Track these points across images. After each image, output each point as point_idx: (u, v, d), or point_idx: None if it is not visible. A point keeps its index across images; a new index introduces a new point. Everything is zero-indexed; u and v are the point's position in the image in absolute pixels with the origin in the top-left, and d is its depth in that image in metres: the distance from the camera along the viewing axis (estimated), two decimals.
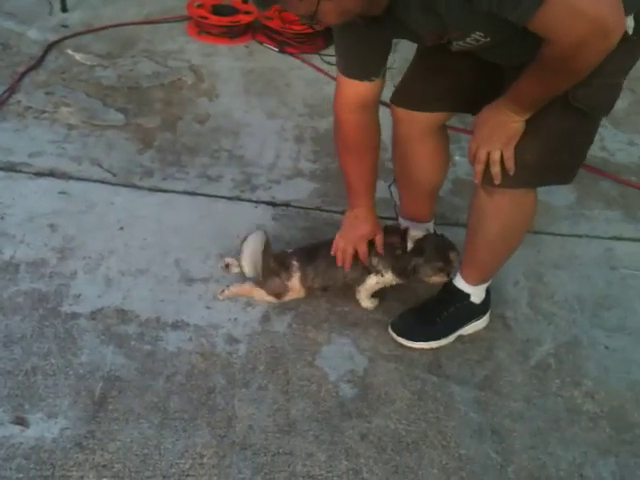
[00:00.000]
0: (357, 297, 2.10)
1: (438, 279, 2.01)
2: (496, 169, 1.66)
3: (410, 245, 2.00)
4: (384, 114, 3.12)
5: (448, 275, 2.01)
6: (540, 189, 2.78)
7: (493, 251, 1.90)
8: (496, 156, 1.63)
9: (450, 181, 2.70)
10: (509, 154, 1.62)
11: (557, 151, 1.65)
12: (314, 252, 2.07)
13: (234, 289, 2.08)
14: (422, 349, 1.99)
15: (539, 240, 2.45)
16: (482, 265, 1.96)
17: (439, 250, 1.99)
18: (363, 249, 1.99)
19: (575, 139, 1.66)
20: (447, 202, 2.59)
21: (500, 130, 1.60)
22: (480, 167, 1.68)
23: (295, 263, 2.04)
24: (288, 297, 2.08)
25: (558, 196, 2.68)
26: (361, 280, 2.06)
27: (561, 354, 2.03)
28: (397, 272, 2.02)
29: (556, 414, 1.86)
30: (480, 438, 1.78)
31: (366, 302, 2.10)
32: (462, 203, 2.59)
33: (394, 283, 2.06)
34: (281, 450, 1.70)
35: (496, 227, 1.81)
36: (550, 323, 2.13)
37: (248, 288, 2.07)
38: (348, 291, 2.10)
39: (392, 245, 2.02)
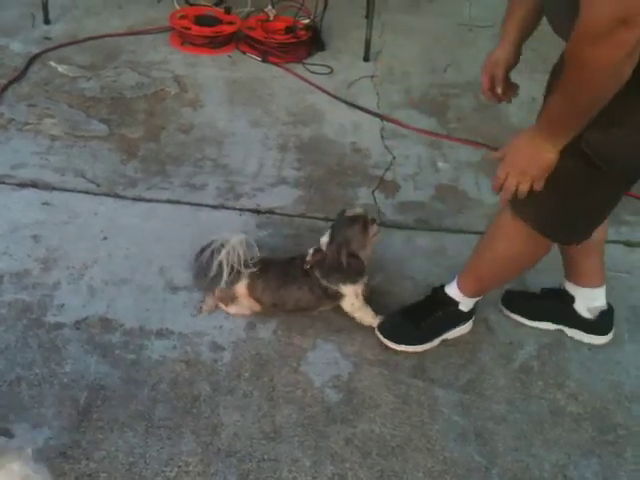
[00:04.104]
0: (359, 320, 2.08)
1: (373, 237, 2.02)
2: (521, 199, 1.58)
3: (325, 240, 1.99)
4: (371, 121, 3.15)
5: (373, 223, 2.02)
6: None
7: (494, 271, 1.90)
8: (525, 188, 1.54)
9: (433, 187, 2.73)
10: (539, 187, 1.53)
11: (569, 206, 1.60)
12: (270, 266, 2.05)
13: (210, 301, 2.07)
14: (406, 352, 2.00)
15: None
16: (480, 280, 1.95)
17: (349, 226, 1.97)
18: (499, 74, 1.79)
19: (590, 197, 1.58)
20: (430, 208, 2.62)
21: (533, 160, 1.50)
22: (507, 196, 1.58)
23: (245, 271, 2.02)
24: (242, 308, 2.05)
25: None
26: (316, 306, 2.05)
27: (544, 356, 2.05)
28: (338, 273, 1.98)
29: (539, 416, 1.88)
30: (464, 441, 1.79)
31: (368, 320, 2.06)
32: (445, 208, 2.62)
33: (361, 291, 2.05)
34: (266, 456, 1.70)
35: (506, 251, 1.80)
36: (533, 326, 2.15)
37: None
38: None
39: (320, 261, 1.99)
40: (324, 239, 2.00)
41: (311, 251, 2.02)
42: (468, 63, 3.68)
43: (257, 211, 2.51)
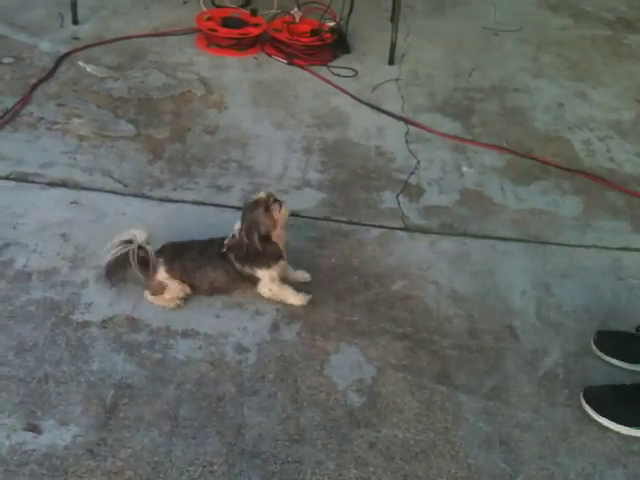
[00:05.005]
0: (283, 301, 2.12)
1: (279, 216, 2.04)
2: None
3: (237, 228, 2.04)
4: (395, 125, 3.16)
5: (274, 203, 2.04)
6: (546, 200, 2.80)
7: None
8: None
9: (458, 192, 2.72)
10: None
11: None
12: (187, 248, 2.09)
13: (153, 299, 2.08)
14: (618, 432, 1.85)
15: (546, 250, 2.46)
16: None
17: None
18: None
19: None
20: (454, 212, 2.61)
21: None
22: None
23: (160, 259, 2.06)
24: (174, 292, 2.06)
25: (565, 206, 2.70)
26: (231, 288, 2.09)
27: (569, 364, 2.04)
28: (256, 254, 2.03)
29: (564, 424, 1.87)
30: (489, 448, 1.79)
31: (291, 300, 2.11)
32: (469, 213, 2.61)
33: (278, 276, 2.09)
34: (290, 458, 1.71)
35: None
36: (558, 333, 2.13)
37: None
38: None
39: (234, 246, 2.04)
40: (237, 225, 2.05)
41: (231, 234, 2.07)
42: (493, 67, 3.67)
43: None
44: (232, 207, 2.52)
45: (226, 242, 2.07)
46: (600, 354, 2.07)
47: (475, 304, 2.21)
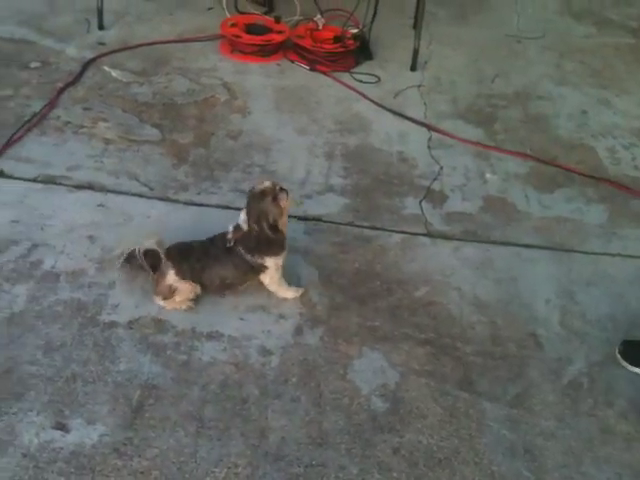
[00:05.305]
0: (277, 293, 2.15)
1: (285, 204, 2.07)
2: None
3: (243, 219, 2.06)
4: (418, 131, 3.16)
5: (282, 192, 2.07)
6: (570, 208, 2.79)
7: None
8: None
9: (481, 199, 2.71)
10: None
11: None
12: (188, 250, 2.10)
13: (164, 303, 2.09)
14: None
15: (571, 258, 2.45)
16: None
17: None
18: None
19: None
20: (478, 219, 2.60)
21: None
22: None
23: (167, 262, 2.06)
24: (184, 294, 2.07)
25: (590, 214, 2.68)
26: (242, 281, 2.12)
27: (594, 373, 2.02)
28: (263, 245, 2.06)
29: (589, 434, 1.86)
30: (512, 456, 1.78)
31: (285, 293, 2.15)
32: (493, 220, 2.60)
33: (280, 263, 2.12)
34: (314, 462, 1.72)
35: None
36: (582, 342, 2.12)
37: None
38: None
39: (242, 238, 2.06)
40: (242, 217, 2.06)
41: (230, 228, 2.08)
42: (516, 74, 3.67)
43: (304, 218, 2.53)
44: None
45: (229, 236, 2.08)
46: (625, 364, 2.05)
47: (498, 311, 2.20)
